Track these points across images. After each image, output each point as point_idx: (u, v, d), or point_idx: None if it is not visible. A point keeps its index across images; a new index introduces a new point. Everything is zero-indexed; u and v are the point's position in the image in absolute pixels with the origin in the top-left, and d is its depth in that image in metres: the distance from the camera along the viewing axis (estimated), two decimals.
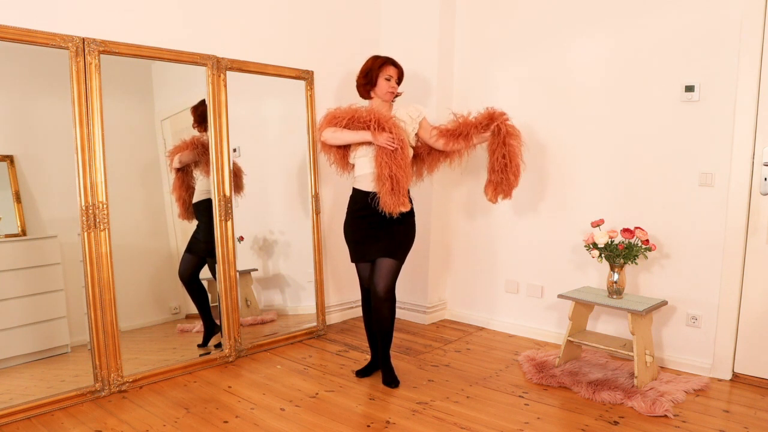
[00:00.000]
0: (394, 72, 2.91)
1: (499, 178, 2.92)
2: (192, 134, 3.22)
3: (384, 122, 2.74)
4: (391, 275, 2.85)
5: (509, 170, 2.89)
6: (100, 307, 2.73)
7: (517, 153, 2.89)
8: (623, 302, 2.97)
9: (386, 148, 2.71)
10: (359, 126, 2.78)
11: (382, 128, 2.74)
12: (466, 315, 4.08)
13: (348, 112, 2.84)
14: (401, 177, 2.72)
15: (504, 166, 2.89)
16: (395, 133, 2.73)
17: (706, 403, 2.73)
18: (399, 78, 2.95)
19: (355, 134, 2.79)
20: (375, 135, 2.73)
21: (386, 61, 2.92)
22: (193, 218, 3.23)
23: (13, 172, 2.72)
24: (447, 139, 2.91)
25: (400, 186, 2.73)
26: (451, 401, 2.74)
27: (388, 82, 2.89)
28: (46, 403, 2.58)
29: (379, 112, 2.81)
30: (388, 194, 2.73)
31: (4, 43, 2.47)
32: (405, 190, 2.76)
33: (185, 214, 3.22)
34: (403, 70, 2.97)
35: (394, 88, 2.91)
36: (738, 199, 2.92)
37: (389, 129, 2.74)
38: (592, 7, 3.36)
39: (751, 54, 2.84)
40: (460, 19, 3.96)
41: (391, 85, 2.90)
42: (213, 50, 3.18)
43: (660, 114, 3.15)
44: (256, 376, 3.05)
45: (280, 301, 3.78)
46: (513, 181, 2.92)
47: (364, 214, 2.84)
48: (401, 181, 2.73)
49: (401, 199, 2.73)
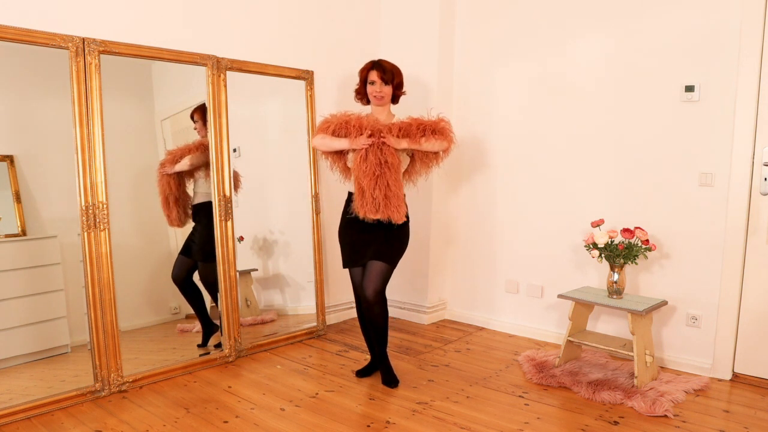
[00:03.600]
0: (375, 76, 2.83)
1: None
2: (191, 136, 3.21)
3: (366, 127, 2.71)
4: (381, 278, 2.83)
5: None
6: (100, 307, 2.73)
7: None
8: (623, 302, 2.97)
9: (360, 153, 2.68)
10: (344, 133, 2.76)
11: (360, 132, 2.71)
12: (466, 315, 4.08)
13: (339, 118, 2.80)
14: (366, 186, 2.68)
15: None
16: (374, 132, 2.69)
17: (706, 403, 2.73)
18: (388, 80, 2.83)
19: (339, 141, 2.76)
20: (352, 141, 2.72)
21: (371, 66, 2.87)
22: (185, 223, 3.20)
23: (13, 172, 2.72)
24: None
25: (366, 194, 2.69)
26: (451, 401, 2.74)
27: (372, 86, 2.85)
28: (46, 403, 2.58)
29: (363, 117, 2.77)
30: (357, 200, 2.74)
31: (3, 43, 2.47)
32: (374, 199, 2.69)
33: (173, 214, 3.15)
34: (392, 72, 2.85)
35: (378, 92, 2.84)
36: (738, 199, 2.92)
37: (369, 130, 2.70)
38: (592, 8, 3.35)
39: (751, 54, 2.84)
40: (460, 20, 3.96)
41: (375, 89, 2.84)
42: (213, 50, 3.18)
43: (660, 114, 3.15)
44: (256, 376, 3.05)
45: (280, 301, 3.78)
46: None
47: (357, 218, 2.82)
48: (366, 191, 2.68)
49: (369, 207, 2.70)
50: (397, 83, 2.88)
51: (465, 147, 3.94)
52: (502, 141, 3.79)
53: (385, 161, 2.69)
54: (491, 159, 3.86)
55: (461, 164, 4.00)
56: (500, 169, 3.82)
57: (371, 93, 2.86)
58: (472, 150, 3.93)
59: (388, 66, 2.86)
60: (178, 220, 3.17)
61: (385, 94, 2.86)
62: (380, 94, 2.85)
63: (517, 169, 3.74)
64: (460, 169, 4.01)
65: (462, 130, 3.91)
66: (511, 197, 3.78)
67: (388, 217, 2.71)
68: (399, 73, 2.90)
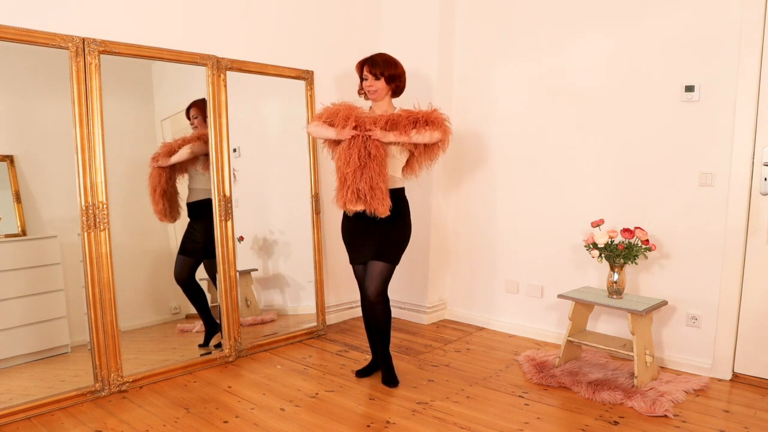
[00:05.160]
0: (366, 70, 2.83)
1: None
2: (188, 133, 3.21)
3: (352, 118, 2.71)
4: (382, 278, 2.83)
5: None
6: (100, 307, 2.73)
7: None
8: (623, 302, 2.97)
9: (343, 144, 2.69)
10: (334, 122, 2.76)
11: (346, 123, 2.71)
12: (466, 315, 4.08)
13: (335, 108, 2.80)
14: (347, 174, 2.68)
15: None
16: (359, 124, 2.70)
17: (706, 403, 2.73)
18: (378, 74, 2.80)
19: (328, 130, 2.77)
20: (339, 131, 2.73)
21: (363, 61, 2.87)
22: (176, 218, 3.18)
23: (13, 172, 2.72)
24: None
25: (346, 184, 2.68)
26: (451, 401, 2.74)
27: (365, 82, 2.85)
28: (46, 403, 2.58)
29: (353, 108, 2.77)
30: (338, 189, 2.74)
31: (4, 43, 2.47)
32: (358, 190, 2.67)
33: (163, 208, 3.11)
34: (383, 65, 2.81)
35: (369, 86, 2.83)
36: (738, 199, 2.92)
37: (353, 122, 2.70)
38: (592, 8, 3.35)
39: (751, 54, 2.84)
40: (460, 19, 3.96)
41: (367, 84, 2.84)
42: (213, 50, 3.18)
43: (660, 114, 3.15)
44: (256, 376, 3.05)
45: (280, 301, 3.78)
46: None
47: (357, 216, 2.82)
48: (347, 179, 2.68)
49: (349, 197, 2.69)
50: (387, 76, 2.81)
51: (465, 146, 3.94)
52: (503, 140, 3.79)
53: (368, 154, 2.67)
54: (491, 158, 3.86)
55: (461, 163, 4.00)
56: (500, 169, 3.82)
57: (365, 88, 2.87)
58: (473, 149, 3.93)
59: (379, 59, 2.84)
60: (162, 213, 3.12)
61: (377, 89, 2.83)
62: (372, 88, 2.84)
63: (517, 168, 3.74)
64: (461, 169, 4.01)
65: (462, 129, 3.92)
66: (511, 197, 3.78)
67: (372, 211, 2.69)
68: (391, 65, 2.83)
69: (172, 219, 3.18)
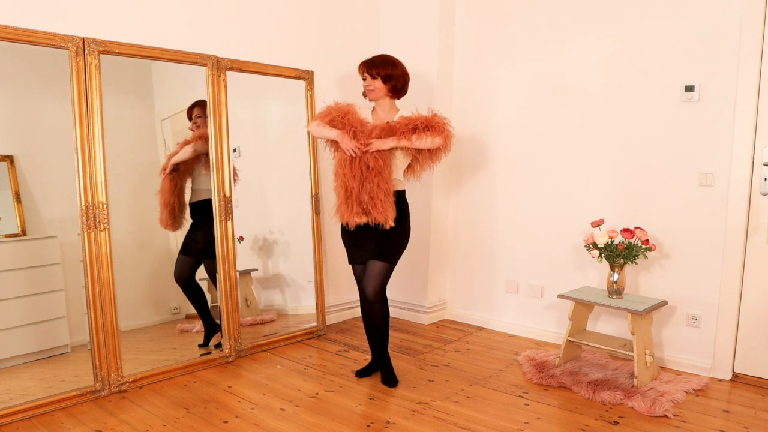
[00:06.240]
0: (364, 71, 2.84)
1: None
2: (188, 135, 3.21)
3: (356, 130, 2.70)
4: (381, 278, 2.83)
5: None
6: (100, 307, 2.73)
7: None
8: (623, 302, 2.97)
9: (346, 153, 2.68)
10: (337, 125, 2.75)
11: (343, 128, 2.71)
12: (466, 315, 4.08)
13: (339, 108, 2.80)
14: (354, 187, 2.66)
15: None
16: (360, 142, 2.68)
17: (706, 403, 2.73)
18: (375, 74, 2.80)
19: (330, 131, 2.76)
20: (342, 137, 2.71)
21: (362, 63, 2.87)
22: (180, 227, 3.19)
23: (13, 172, 2.72)
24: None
25: (353, 197, 2.67)
26: (451, 401, 2.74)
27: (364, 82, 2.86)
28: (46, 403, 2.58)
29: (351, 114, 2.76)
30: (342, 204, 2.72)
31: (4, 43, 2.47)
32: (361, 201, 2.67)
33: (172, 222, 3.14)
34: (379, 65, 2.80)
35: (367, 86, 2.84)
36: (738, 199, 2.92)
37: (358, 137, 2.69)
38: (592, 7, 3.36)
39: (751, 54, 2.84)
40: (460, 19, 3.96)
41: (366, 85, 2.85)
42: (213, 50, 3.18)
43: (660, 114, 3.15)
44: (256, 376, 3.05)
45: (280, 301, 3.78)
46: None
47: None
48: (354, 192, 2.67)
49: (356, 209, 2.68)
50: (384, 75, 2.80)
51: (465, 147, 3.94)
52: (503, 140, 3.79)
53: (367, 167, 2.67)
54: (492, 158, 3.86)
55: (461, 164, 4.00)
56: (500, 169, 3.82)
57: (364, 87, 2.88)
58: (473, 150, 3.93)
59: (378, 60, 2.84)
60: (167, 225, 3.15)
61: (374, 88, 2.83)
62: (369, 87, 2.85)
63: (517, 168, 3.74)
64: (461, 169, 4.01)
65: (462, 130, 3.92)
66: (511, 197, 3.78)
67: (376, 222, 2.69)
68: (389, 65, 2.82)
69: (174, 229, 3.19)
